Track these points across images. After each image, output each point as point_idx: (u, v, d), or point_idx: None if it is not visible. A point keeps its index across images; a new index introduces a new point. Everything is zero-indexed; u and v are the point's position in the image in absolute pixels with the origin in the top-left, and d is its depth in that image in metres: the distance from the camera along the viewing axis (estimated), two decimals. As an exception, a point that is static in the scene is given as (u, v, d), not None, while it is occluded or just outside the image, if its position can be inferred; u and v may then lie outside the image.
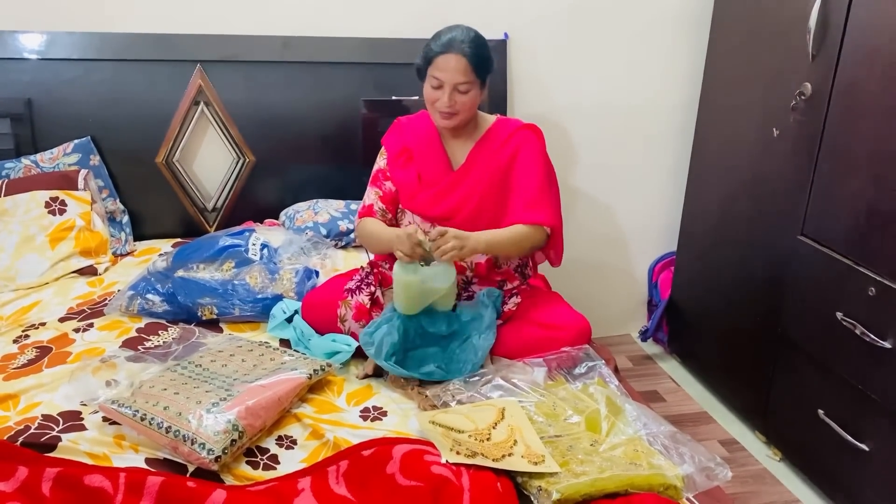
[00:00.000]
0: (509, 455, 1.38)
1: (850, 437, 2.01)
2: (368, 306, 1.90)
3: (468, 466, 1.34)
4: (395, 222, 2.06)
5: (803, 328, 2.21)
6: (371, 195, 2.06)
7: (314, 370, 1.67)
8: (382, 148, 2.10)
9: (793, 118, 2.19)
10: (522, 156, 1.96)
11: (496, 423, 1.48)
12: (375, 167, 2.09)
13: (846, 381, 2.03)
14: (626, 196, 3.06)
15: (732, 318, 2.61)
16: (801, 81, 2.13)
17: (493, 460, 1.36)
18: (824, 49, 2.05)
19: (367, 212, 2.05)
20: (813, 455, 2.22)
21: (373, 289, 1.94)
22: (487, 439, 1.42)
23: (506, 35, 2.71)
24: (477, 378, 1.68)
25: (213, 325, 2.01)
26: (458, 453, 1.36)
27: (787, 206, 2.25)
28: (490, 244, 1.84)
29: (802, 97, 2.13)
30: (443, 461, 1.34)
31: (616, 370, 1.78)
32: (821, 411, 2.12)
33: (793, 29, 2.16)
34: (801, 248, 2.18)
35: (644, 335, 3.13)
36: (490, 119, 2.04)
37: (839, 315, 2.01)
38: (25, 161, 2.43)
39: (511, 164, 1.96)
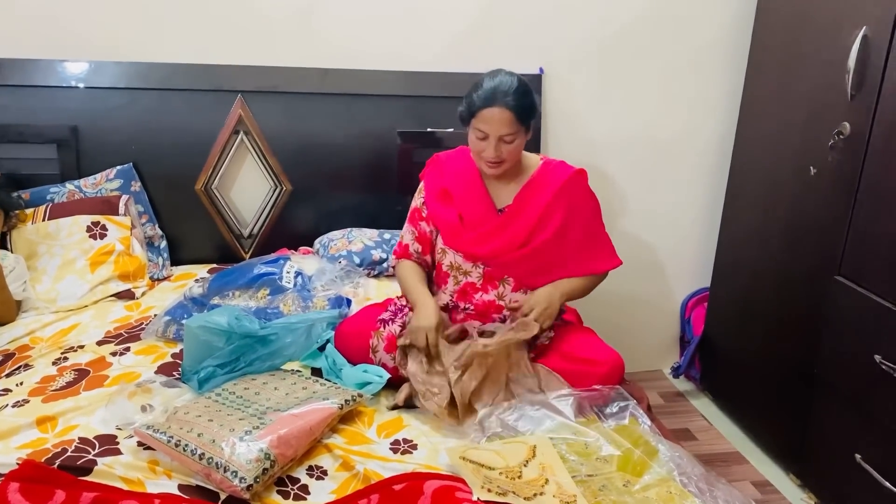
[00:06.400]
0: (541, 494, 1.37)
1: (888, 484, 1.96)
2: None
3: (499, 504, 1.33)
4: (431, 262, 2.06)
5: (840, 370, 2.16)
6: (408, 234, 2.07)
7: (346, 400, 1.67)
8: (421, 184, 2.09)
9: (831, 157, 2.17)
10: (581, 206, 1.98)
11: (527, 461, 1.47)
12: (413, 203, 2.09)
13: (885, 425, 1.98)
14: (659, 230, 3.05)
15: (767, 356, 2.57)
16: (840, 121, 2.12)
17: (525, 499, 1.35)
18: (864, 89, 2.04)
19: (404, 252, 2.06)
20: (849, 501, 2.17)
21: (407, 320, 1.94)
22: (518, 477, 1.41)
23: (541, 70, 2.73)
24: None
25: (246, 351, 2.02)
26: (489, 490, 1.35)
27: (823, 245, 2.23)
28: (567, 296, 1.99)
29: (841, 136, 2.12)
30: (474, 498, 1.33)
31: (649, 408, 1.76)
32: (858, 456, 2.07)
33: (831, 68, 2.15)
34: (838, 289, 2.15)
35: (676, 371, 3.09)
36: (534, 160, 2.02)
37: (878, 358, 1.97)
38: (69, 186, 2.49)
39: (571, 215, 1.96)
